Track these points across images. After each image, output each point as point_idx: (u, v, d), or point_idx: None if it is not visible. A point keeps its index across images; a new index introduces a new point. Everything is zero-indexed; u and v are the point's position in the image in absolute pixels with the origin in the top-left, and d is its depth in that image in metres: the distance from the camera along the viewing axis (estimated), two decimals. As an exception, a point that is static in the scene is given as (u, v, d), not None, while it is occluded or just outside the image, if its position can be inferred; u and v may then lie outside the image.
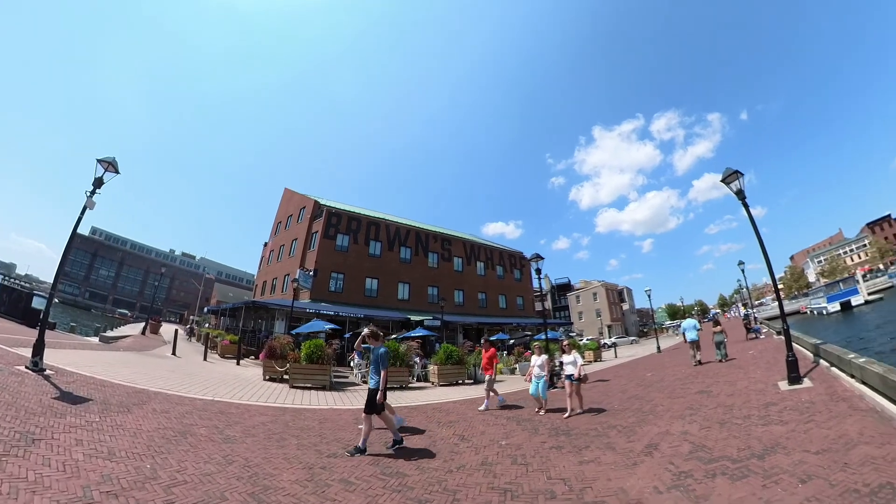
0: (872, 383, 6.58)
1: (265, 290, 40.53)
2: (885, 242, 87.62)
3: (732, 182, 9.95)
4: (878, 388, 6.36)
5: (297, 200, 40.45)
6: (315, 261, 32.70)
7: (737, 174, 9.89)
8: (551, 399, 10.64)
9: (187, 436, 6.00)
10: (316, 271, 31.95)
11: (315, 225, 35.21)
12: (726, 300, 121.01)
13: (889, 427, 5.23)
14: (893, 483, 3.75)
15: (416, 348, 17.40)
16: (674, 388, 10.91)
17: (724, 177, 10.06)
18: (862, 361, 7.43)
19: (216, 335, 24.59)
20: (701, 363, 14.58)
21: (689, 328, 15.79)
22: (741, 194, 9.87)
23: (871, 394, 6.62)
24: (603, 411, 9.16)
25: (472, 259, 49.14)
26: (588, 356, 26.30)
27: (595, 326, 70.83)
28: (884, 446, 4.66)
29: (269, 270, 41.43)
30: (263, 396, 10.52)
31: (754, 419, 6.57)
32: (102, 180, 9.55)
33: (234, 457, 5.36)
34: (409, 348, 16.27)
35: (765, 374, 10.53)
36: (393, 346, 15.00)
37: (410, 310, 36.26)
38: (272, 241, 43.59)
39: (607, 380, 15.30)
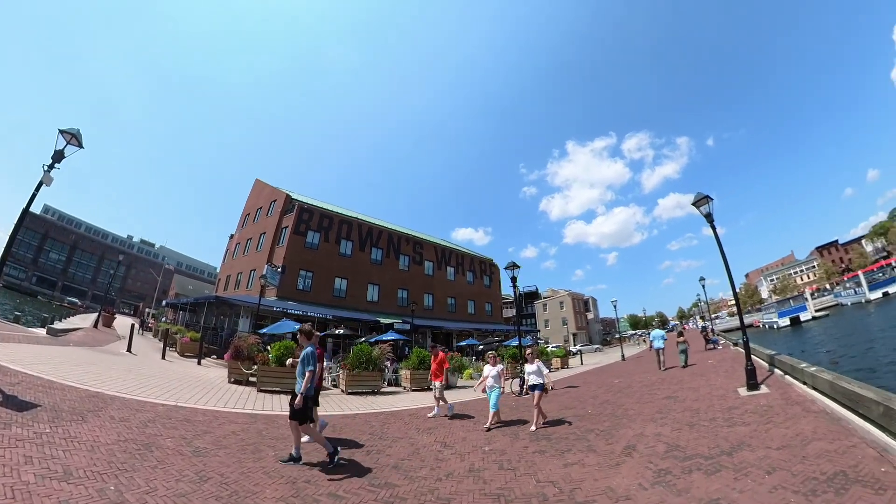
0: (823, 389, 7.36)
1: (228, 285, 39.16)
2: (832, 265, 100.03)
3: (703, 206, 10.78)
4: (828, 393, 7.14)
5: (267, 193, 39.44)
6: (284, 257, 31.96)
7: (707, 199, 10.72)
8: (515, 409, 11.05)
9: (153, 449, 5.56)
10: (284, 268, 31.21)
11: (285, 220, 34.41)
12: (685, 312, 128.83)
13: (838, 426, 5.92)
14: (846, 472, 4.34)
15: (388, 352, 17.42)
16: (642, 394, 11.59)
17: (696, 200, 10.89)
18: (813, 370, 8.28)
19: (176, 331, 23.57)
20: (666, 368, 16.43)
21: (656, 338, 18.13)
22: (710, 217, 10.71)
23: (821, 398, 7.42)
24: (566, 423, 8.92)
25: (443, 263, 49.57)
26: (556, 363, 27.22)
27: (561, 334, 72.80)
28: (835, 441, 5.32)
29: (233, 264, 40.09)
30: (231, 401, 10.17)
31: (720, 421, 7.19)
32: (63, 154, 8.79)
33: (208, 473, 5.02)
34: (381, 352, 16.30)
35: (725, 381, 11.39)
36: (365, 350, 15.03)
37: (380, 312, 36.11)
38: (239, 233, 42.07)
39: (577, 386, 15.95)
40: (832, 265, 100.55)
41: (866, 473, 4.26)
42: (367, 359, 14.71)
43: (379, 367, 15.65)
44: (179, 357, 19.51)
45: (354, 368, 14.48)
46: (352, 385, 14.32)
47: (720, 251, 10.94)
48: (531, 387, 8.88)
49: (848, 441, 5.28)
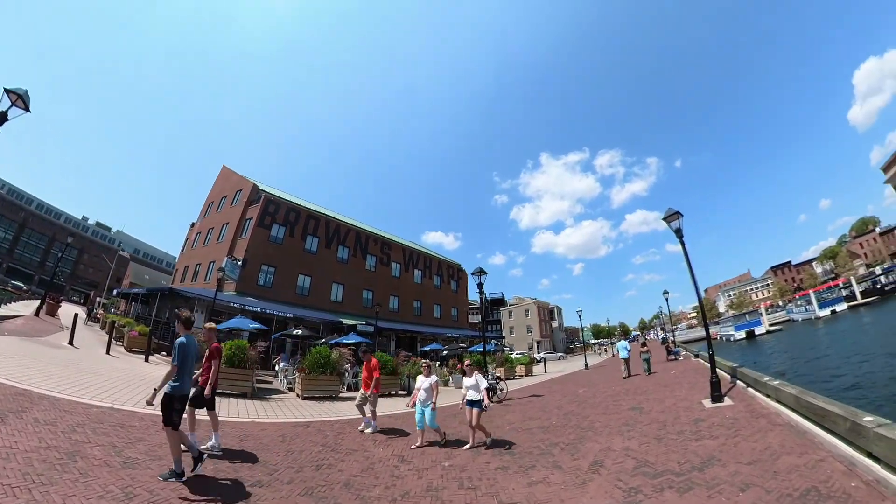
0: (787, 402, 7.44)
1: (186, 277, 37.01)
2: (785, 284, 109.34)
3: (673, 221, 10.96)
4: (792, 407, 7.21)
5: (234, 181, 37.65)
6: (245, 250, 30.52)
7: (677, 214, 10.93)
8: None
9: (77, 458, 5.01)
10: (245, 261, 29.82)
11: (250, 211, 32.95)
12: (646, 324, 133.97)
13: (805, 439, 5.93)
14: (818, 487, 4.26)
15: (348, 355, 16.80)
16: (607, 405, 11.55)
17: (667, 216, 11.08)
18: (776, 384, 8.40)
19: (124, 324, 21.91)
20: (631, 375, 18.15)
21: (622, 348, 20.11)
22: (679, 233, 10.91)
23: (785, 411, 7.49)
24: (511, 444, 7.98)
25: (411, 266, 49.00)
26: (520, 370, 27.19)
27: (525, 341, 73.52)
28: (804, 455, 5.29)
29: (192, 254, 37.89)
30: None
31: (687, 434, 7.12)
32: (6, 116, 7.93)
33: (135, 489, 4.53)
34: (340, 355, 15.67)
35: (689, 393, 11.52)
36: (324, 352, 14.44)
37: (343, 313, 35.14)
38: (201, 221, 39.81)
39: (541, 395, 15.85)
40: (785, 284, 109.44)
41: (838, 489, 4.21)
42: (326, 362, 14.15)
43: (338, 370, 15.05)
44: (126, 352, 18.20)
45: (311, 372, 13.91)
46: (308, 389, 13.73)
47: (688, 265, 11.10)
48: (468, 403, 7.99)
49: (816, 455, 5.26)
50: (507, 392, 15.37)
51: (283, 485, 5.30)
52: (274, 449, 7.07)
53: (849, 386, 15.67)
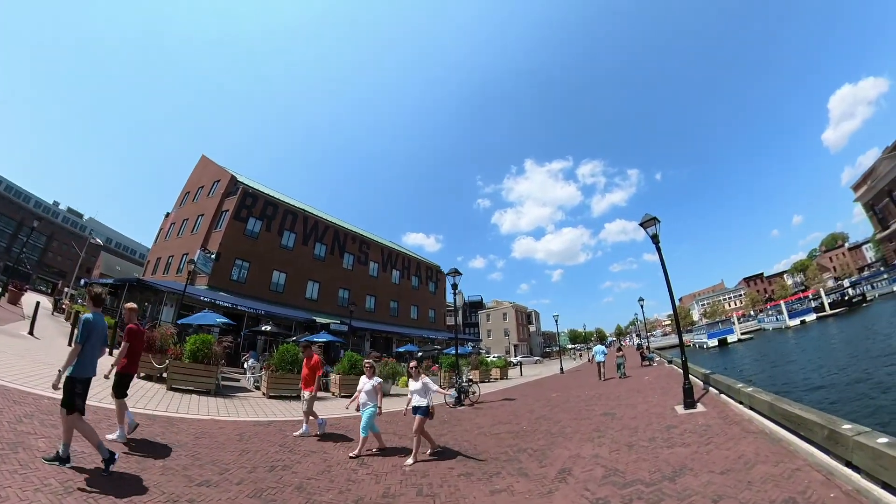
0: (761, 409, 7.26)
1: (158, 269, 35.57)
2: (757, 294, 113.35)
3: (650, 227, 10.82)
4: (766, 414, 7.03)
5: (212, 171, 36.38)
6: (220, 243, 29.51)
7: (654, 220, 10.78)
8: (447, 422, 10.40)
9: (19, 449, 4.70)
10: (218, 255, 28.83)
11: (227, 202, 31.90)
12: (622, 330, 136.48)
13: (780, 447, 5.72)
14: (795, 499, 4.00)
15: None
16: (579, 410, 11.30)
17: (643, 221, 10.91)
18: (750, 391, 8.24)
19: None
20: (606, 379, 18.96)
21: (598, 352, 21.11)
22: (656, 238, 10.78)
23: (759, 418, 7.32)
24: (478, 450, 8.14)
25: (389, 266, 48.37)
26: (495, 373, 26.92)
27: (502, 345, 73.57)
28: (779, 465, 5.06)
29: (165, 246, 36.46)
30: (132, 399, 8.69)
31: (659, 441, 6.86)
32: None
33: (76, 483, 4.22)
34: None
35: (662, 399, 11.37)
36: (291, 350, 13.96)
37: (318, 311, 34.33)
38: (176, 212, 38.36)
39: (514, 399, 15.56)
40: (757, 294, 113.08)
41: (816, 500, 3.98)
42: (293, 360, 13.63)
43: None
44: None
45: (279, 370, 13.47)
46: (274, 388, 13.22)
47: (663, 270, 10.97)
48: (413, 409, 7.20)
49: (792, 464, 5.05)
50: (480, 395, 15.04)
51: (231, 485, 4.99)
52: (229, 448, 6.72)
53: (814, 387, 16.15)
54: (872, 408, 12.09)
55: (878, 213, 71.70)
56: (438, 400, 14.62)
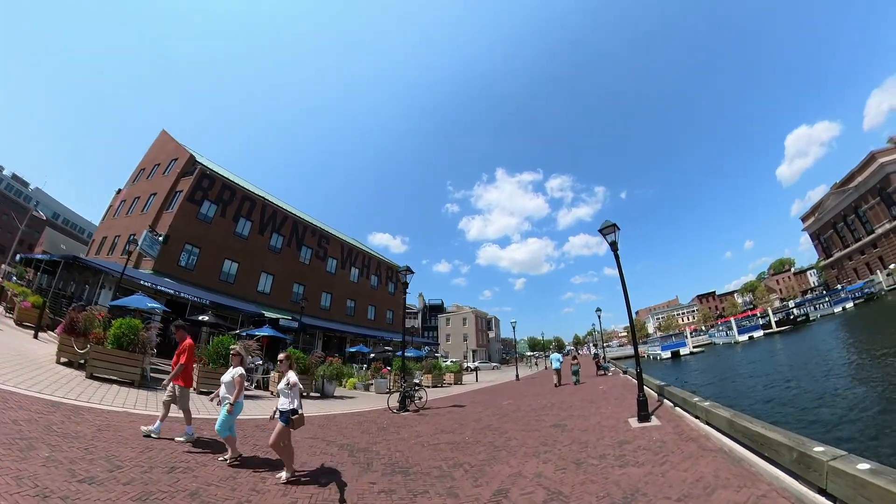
0: (719, 426, 6.74)
1: (103, 248, 32.60)
2: (709, 310, 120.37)
3: (609, 233, 10.48)
4: (725, 431, 6.51)
5: (171, 149, 33.96)
6: (170, 225, 27.50)
7: (614, 227, 10.46)
8: (385, 429, 9.48)
9: None
10: (167, 238, 26.84)
11: (182, 183, 29.86)
12: (580, 339, 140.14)
13: (742, 469, 5.16)
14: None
15: (254, 348, 14.90)
16: (529, 420, 10.61)
17: (603, 227, 10.55)
18: (707, 405, 7.75)
19: (18, 293, 18.97)
20: (562, 384, 19.79)
21: (555, 359, 22.06)
22: (615, 245, 10.42)
23: (716, 434, 6.80)
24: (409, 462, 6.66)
25: (348, 263, 46.85)
26: (449, 378, 26.10)
27: (461, 350, 73.12)
28: (742, 490, 4.47)
29: (113, 224, 33.49)
30: (44, 385, 8.08)
31: (610, 459, 6.19)
32: None
33: None
34: (245, 347, 13.79)
35: (615, 410, 10.86)
36: (227, 343, 12.90)
37: (269, 305, 32.56)
38: (128, 189, 35.47)
39: (463, 405, 14.76)
40: (709, 311, 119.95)
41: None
42: (226, 353, 12.49)
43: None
44: (15, 326, 16.21)
45: (211, 363, 12.41)
46: (205, 383, 12.07)
47: (621, 278, 10.53)
48: (280, 414, 5.61)
49: (756, 489, 4.48)
50: (427, 400, 14.13)
51: (118, 484, 4.45)
52: (132, 443, 6.02)
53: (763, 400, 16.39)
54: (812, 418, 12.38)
55: (822, 243, 77.73)
56: (379, 405, 13.66)
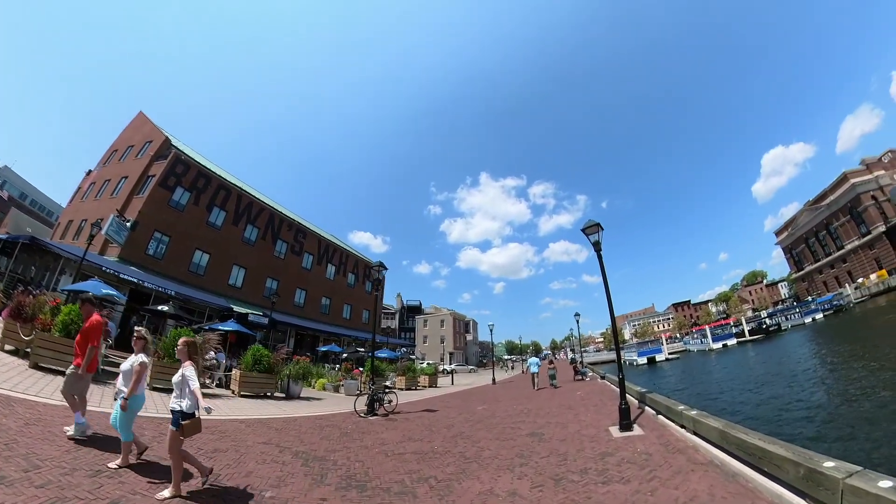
0: (710, 437, 6.24)
1: (68, 232, 30.81)
2: (684, 318, 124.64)
3: (592, 233, 10.05)
4: (716, 443, 6.01)
5: (146, 131, 32.28)
6: (139, 210, 26.06)
7: (597, 227, 10.03)
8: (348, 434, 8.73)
9: None
10: (135, 224, 25.43)
11: (155, 167, 28.39)
12: (557, 344, 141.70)
13: (739, 485, 4.66)
14: None
15: (215, 342, 13.85)
16: (504, 428, 9.98)
17: (586, 227, 10.11)
18: (694, 414, 7.25)
19: None
20: (539, 388, 20.05)
21: (532, 363, 22.88)
22: (598, 245, 10.00)
23: (706, 446, 6.30)
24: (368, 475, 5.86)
25: (325, 259, 45.62)
26: (423, 381, 25.36)
27: (438, 352, 72.40)
28: (743, 514, 3.87)
29: (81, 207, 31.69)
30: None
31: (592, 474, 5.59)
32: None
33: None
34: (205, 341, 12.82)
35: (595, 418, 10.34)
36: (185, 335, 11.61)
37: (240, 300, 31.33)
38: (98, 170, 33.67)
39: (436, 410, 14.06)
40: (684, 319, 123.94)
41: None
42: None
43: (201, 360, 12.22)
44: None
45: (167, 357, 11.51)
46: (159, 378, 11.23)
47: (603, 278, 10.00)
48: (173, 414, 4.67)
49: (758, 512, 3.89)
50: (397, 404, 13.40)
51: (30, 486, 3.95)
52: (60, 442, 5.41)
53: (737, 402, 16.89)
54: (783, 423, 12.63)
55: (794, 257, 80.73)
56: (347, 407, 12.80)
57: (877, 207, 58.80)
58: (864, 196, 59.69)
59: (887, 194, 57.77)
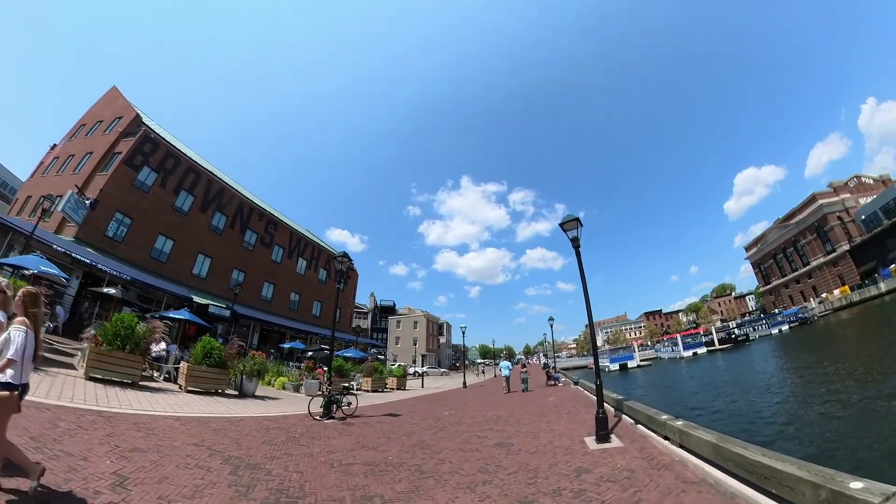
0: (701, 452, 5.49)
1: (25, 208, 28.68)
2: (656, 327, 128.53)
3: (571, 229, 9.43)
4: (708, 458, 5.27)
5: (118, 106, 30.48)
6: (101, 189, 24.42)
7: (577, 222, 9.45)
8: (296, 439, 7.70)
9: None
10: (95, 203, 23.76)
11: (122, 144, 26.83)
12: (530, 349, 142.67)
13: (738, 512, 3.84)
14: None
15: (162, 330, 12.56)
16: (470, 435, 9.09)
17: (565, 221, 9.51)
18: (680, 424, 6.53)
19: None
20: (510, 392, 20.62)
21: (504, 367, 23.64)
22: (576, 242, 9.40)
23: (695, 461, 5.57)
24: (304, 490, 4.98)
25: (296, 253, 44.07)
26: (391, 383, 24.27)
27: (410, 353, 71.19)
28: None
29: (41, 183, 29.50)
30: None
31: (567, 496, 4.75)
32: None
33: None
34: (151, 329, 11.54)
35: (569, 427, 9.58)
36: (128, 321, 10.75)
37: (204, 291, 29.73)
38: (63, 144, 31.56)
39: (399, 414, 13.04)
40: (656, 327, 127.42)
41: None
42: (128, 334, 10.53)
43: (143, 349, 11.29)
44: None
45: (107, 344, 10.31)
46: (97, 367, 10.18)
47: (581, 276, 9.31)
48: None
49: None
50: (357, 407, 12.34)
51: None
52: None
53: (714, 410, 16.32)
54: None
55: (763, 271, 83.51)
56: (304, 409, 11.59)
57: (842, 227, 61.63)
58: (830, 216, 62.32)
59: (852, 216, 60.83)
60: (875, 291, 47.83)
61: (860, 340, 28.73)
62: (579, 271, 9.27)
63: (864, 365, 18.24)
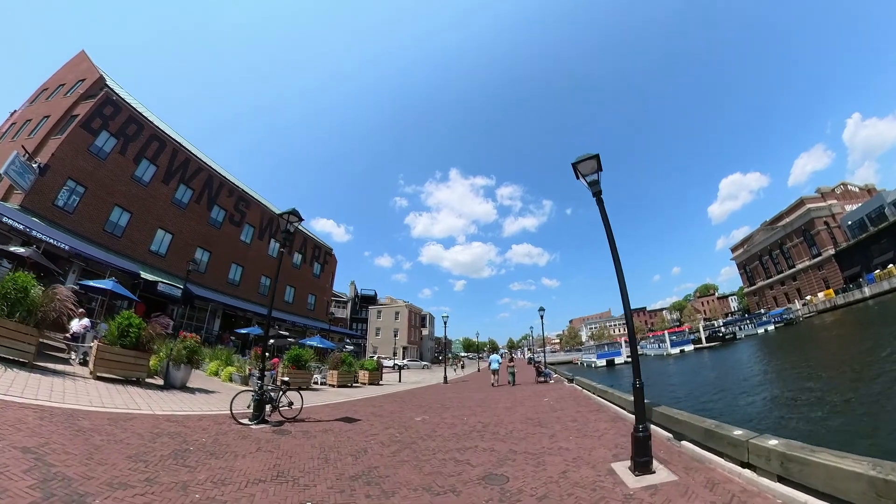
0: (845, 496, 2.83)
1: None
2: (640, 324, 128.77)
3: (589, 172, 6.81)
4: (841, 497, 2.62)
5: (83, 69, 27.19)
6: (52, 153, 21.47)
7: (595, 160, 6.76)
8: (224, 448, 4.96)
9: None
10: (45, 168, 20.90)
11: (81, 107, 23.82)
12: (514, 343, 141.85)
13: None
14: None
15: (71, 299, 9.68)
16: (444, 460, 6.29)
17: (579, 160, 6.78)
18: (778, 445, 3.89)
19: None
20: (499, 385, 20.73)
21: (494, 360, 23.32)
22: (595, 185, 6.69)
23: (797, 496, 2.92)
24: None
25: (268, 234, 40.67)
26: (363, 376, 21.43)
27: (390, 345, 68.36)
28: None
29: None
30: None
31: None
32: None
33: None
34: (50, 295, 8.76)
35: (582, 444, 6.99)
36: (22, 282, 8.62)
37: (160, 269, 26.55)
38: (22, 110, 28.27)
39: (358, 420, 10.13)
40: (640, 324, 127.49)
41: None
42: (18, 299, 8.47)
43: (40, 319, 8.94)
44: None
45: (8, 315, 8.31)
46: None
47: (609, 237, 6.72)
48: None
49: None
50: (302, 408, 9.52)
51: None
52: None
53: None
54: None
55: (748, 272, 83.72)
56: (237, 407, 8.68)
57: (828, 232, 62.26)
58: (817, 221, 62.91)
59: (838, 221, 61.85)
60: (859, 295, 48.32)
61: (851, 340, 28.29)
62: (605, 226, 6.67)
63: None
